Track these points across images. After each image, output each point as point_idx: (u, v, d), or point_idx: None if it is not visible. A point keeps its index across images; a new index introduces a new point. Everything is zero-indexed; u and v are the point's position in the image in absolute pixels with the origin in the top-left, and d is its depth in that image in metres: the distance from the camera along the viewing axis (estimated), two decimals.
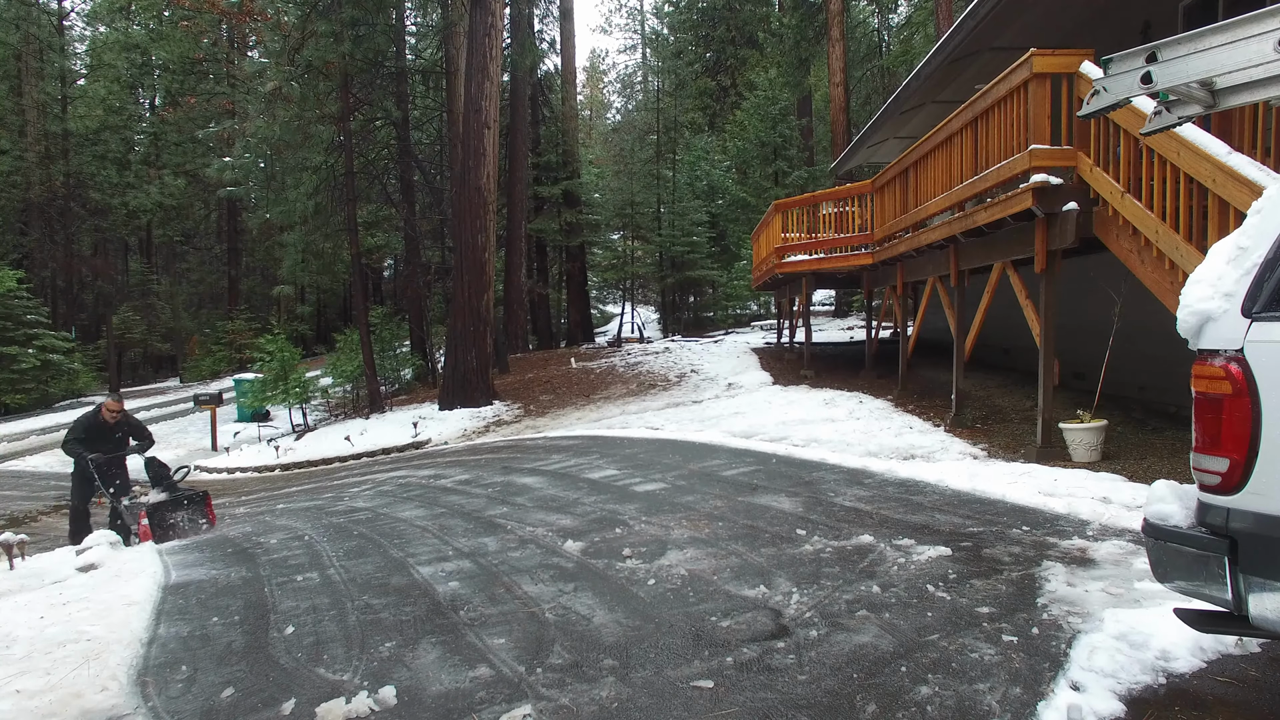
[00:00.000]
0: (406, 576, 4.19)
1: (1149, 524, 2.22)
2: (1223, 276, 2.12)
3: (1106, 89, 2.84)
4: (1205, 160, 4.34)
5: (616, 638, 3.08)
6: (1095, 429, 5.98)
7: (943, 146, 8.09)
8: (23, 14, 30.57)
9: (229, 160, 20.45)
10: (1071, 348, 8.17)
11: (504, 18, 17.38)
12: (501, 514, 5.54)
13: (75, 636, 3.45)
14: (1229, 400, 2.01)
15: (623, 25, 51.05)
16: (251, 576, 4.58)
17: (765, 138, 28.28)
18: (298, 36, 16.19)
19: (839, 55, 21.57)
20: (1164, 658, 2.58)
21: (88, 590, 4.33)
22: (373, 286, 33.07)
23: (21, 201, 30.24)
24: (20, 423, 21.72)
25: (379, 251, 26.57)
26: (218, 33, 30.41)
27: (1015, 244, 6.79)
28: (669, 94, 30.55)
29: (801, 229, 13.23)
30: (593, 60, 55.15)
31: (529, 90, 25.31)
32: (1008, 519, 4.36)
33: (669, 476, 6.26)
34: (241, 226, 33.25)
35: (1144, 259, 5.26)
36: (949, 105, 10.06)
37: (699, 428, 9.18)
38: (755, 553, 4.02)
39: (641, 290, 36.02)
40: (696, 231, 26.38)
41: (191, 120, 29.76)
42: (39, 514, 9.54)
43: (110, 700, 2.87)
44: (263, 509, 7.84)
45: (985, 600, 3.18)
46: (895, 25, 32.69)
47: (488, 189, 14.76)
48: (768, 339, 19.00)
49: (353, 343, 18.57)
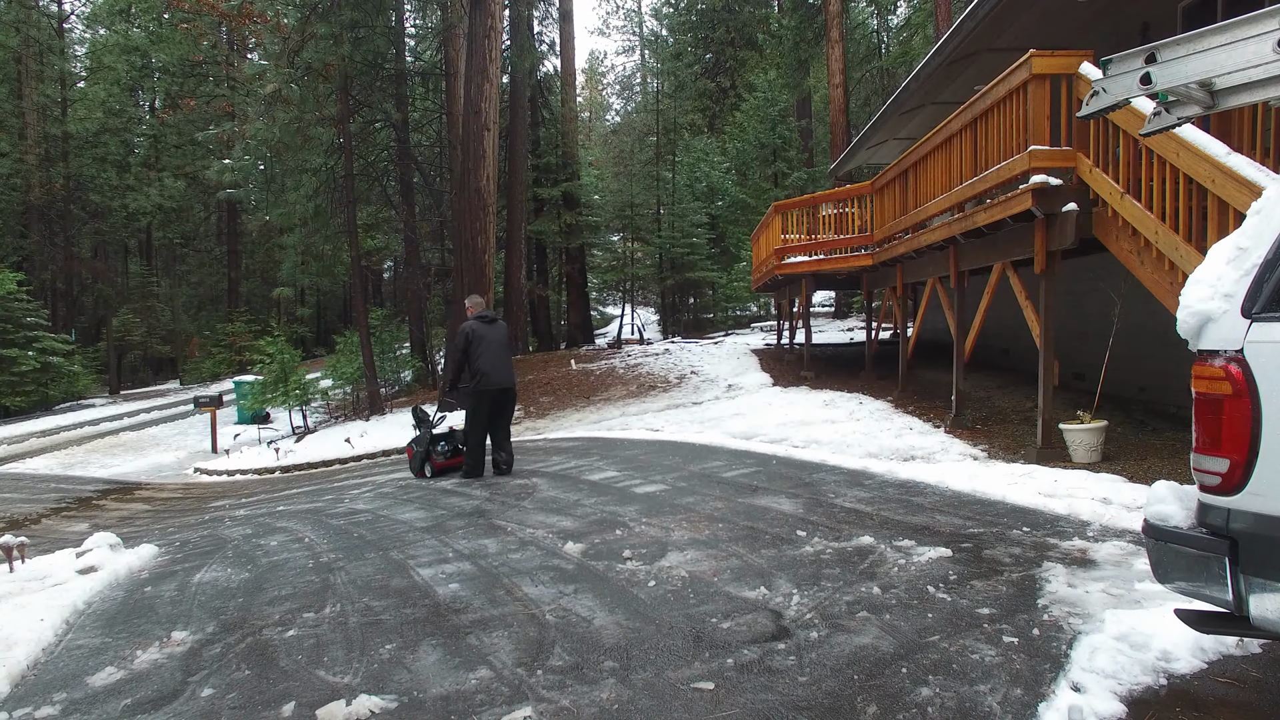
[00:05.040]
0: (407, 578, 4.18)
1: (1149, 525, 2.22)
2: (1222, 277, 2.12)
3: (1106, 90, 2.85)
4: (1204, 161, 4.35)
5: (617, 639, 3.08)
6: (1095, 430, 5.98)
7: (942, 148, 8.09)
8: (23, 16, 30.60)
9: (229, 162, 20.44)
10: (1071, 348, 8.17)
11: (503, 20, 17.41)
12: (502, 515, 5.54)
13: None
14: (1229, 401, 2.01)
15: (620, 27, 51.09)
16: (251, 578, 4.58)
17: (765, 139, 28.29)
18: (297, 39, 16.21)
19: (838, 57, 21.58)
20: (1165, 659, 2.58)
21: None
22: (372, 288, 33.12)
23: (21, 204, 30.26)
24: (20, 425, 21.71)
25: (379, 253, 26.60)
26: (217, 35, 30.42)
27: (1015, 245, 6.80)
28: (668, 95, 30.56)
29: (801, 230, 13.23)
30: (592, 62, 55.22)
31: (528, 92, 25.32)
32: (1008, 520, 4.36)
33: (669, 478, 6.26)
34: (241, 229, 33.28)
35: (1143, 259, 5.26)
36: (948, 106, 10.07)
37: (699, 429, 9.18)
38: (756, 554, 4.02)
39: (641, 292, 36.01)
40: (696, 233, 26.38)
41: (191, 122, 29.76)
42: (40, 516, 9.53)
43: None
44: (263, 511, 7.83)
45: (986, 601, 3.18)
46: (894, 27, 32.72)
47: (487, 191, 14.78)
48: (767, 340, 19.00)
49: (353, 345, 18.58)
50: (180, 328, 34.67)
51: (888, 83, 29.05)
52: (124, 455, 17.31)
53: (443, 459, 7.71)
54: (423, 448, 7.63)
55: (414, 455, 7.79)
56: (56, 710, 2.93)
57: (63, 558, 5.25)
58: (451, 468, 7.69)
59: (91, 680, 3.18)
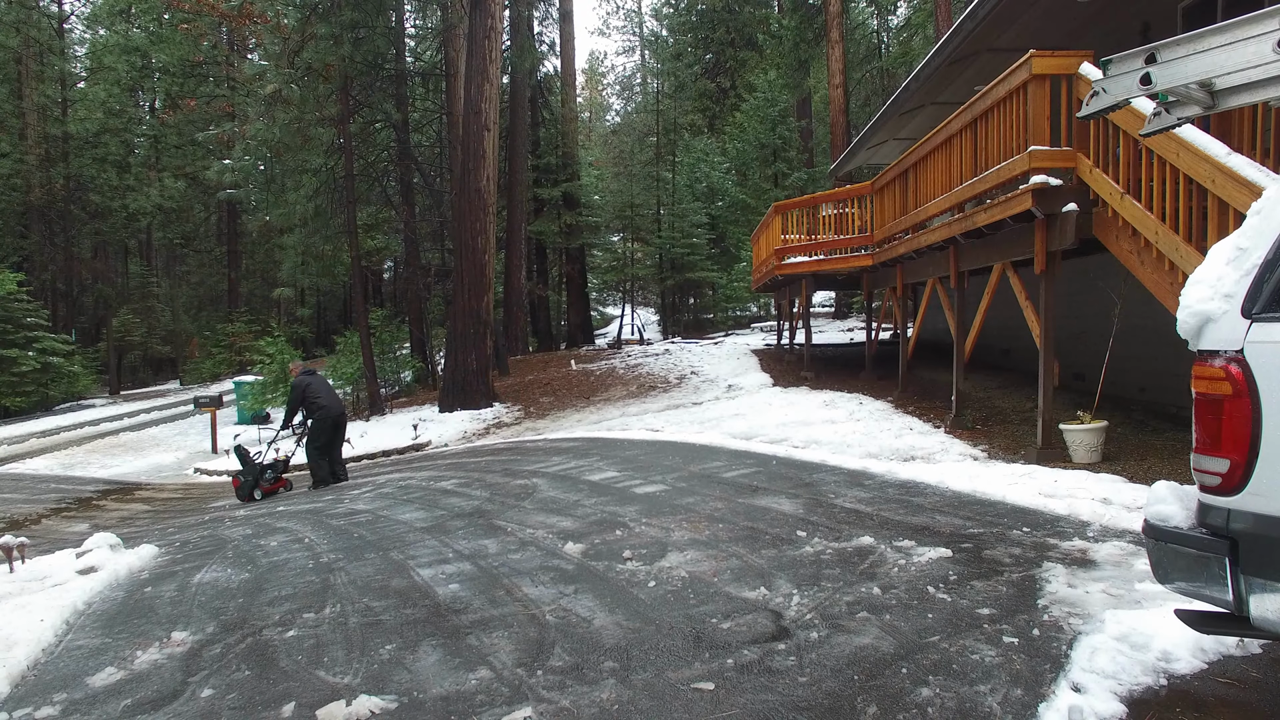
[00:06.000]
0: (407, 579, 4.18)
1: (1149, 525, 2.22)
2: (1222, 277, 2.12)
3: (1106, 90, 2.85)
4: (1205, 161, 4.35)
5: (617, 640, 3.08)
6: (1095, 430, 5.98)
7: (942, 148, 8.09)
8: (23, 17, 30.60)
9: (229, 163, 20.45)
10: (1072, 349, 8.17)
11: (503, 20, 17.40)
12: (502, 516, 5.54)
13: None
14: (1229, 401, 2.01)
15: (620, 27, 51.11)
16: (251, 579, 4.58)
17: (765, 139, 28.30)
18: (297, 39, 16.22)
19: (838, 57, 21.59)
20: (1165, 659, 2.58)
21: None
22: (372, 289, 33.10)
23: (22, 204, 30.26)
24: (20, 425, 21.70)
25: (379, 254, 26.60)
26: (217, 35, 30.43)
27: (1015, 245, 6.80)
28: (668, 96, 30.57)
29: (801, 230, 13.24)
30: (592, 62, 55.21)
31: (528, 92, 25.33)
32: (1008, 520, 4.36)
33: (669, 478, 6.25)
34: (241, 229, 33.27)
35: (1144, 260, 5.26)
36: (948, 106, 10.08)
37: (699, 429, 9.18)
38: (756, 554, 4.02)
39: (641, 292, 36.02)
40: (696, 233, 26.39)
41: (191, 123, 29.77)
42: (40, 516, 9.52)
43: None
44: (263, 511, 7.83)
45: (986, 602, 3.18)
46: (894, 27, 32.74)
47: (487, 191, 14.77)
48: (768, 340, 19.00)
49: (353, 345, 18.58)
50: (180, 328, 34.67)
51: (888, 83, 29.06)
52: (124, 456, 17.31)
53: (269, 484, 9.23)
54: (251, 477, 9.09)
55: (241, 484, 9.15)
56: (56, 710, 2.93)
57: (63, 558, 5.25)
58: (274, 491, 9.26)
59: (91, 680, 3.18)
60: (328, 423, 8.94)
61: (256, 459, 9.23)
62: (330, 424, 8.97)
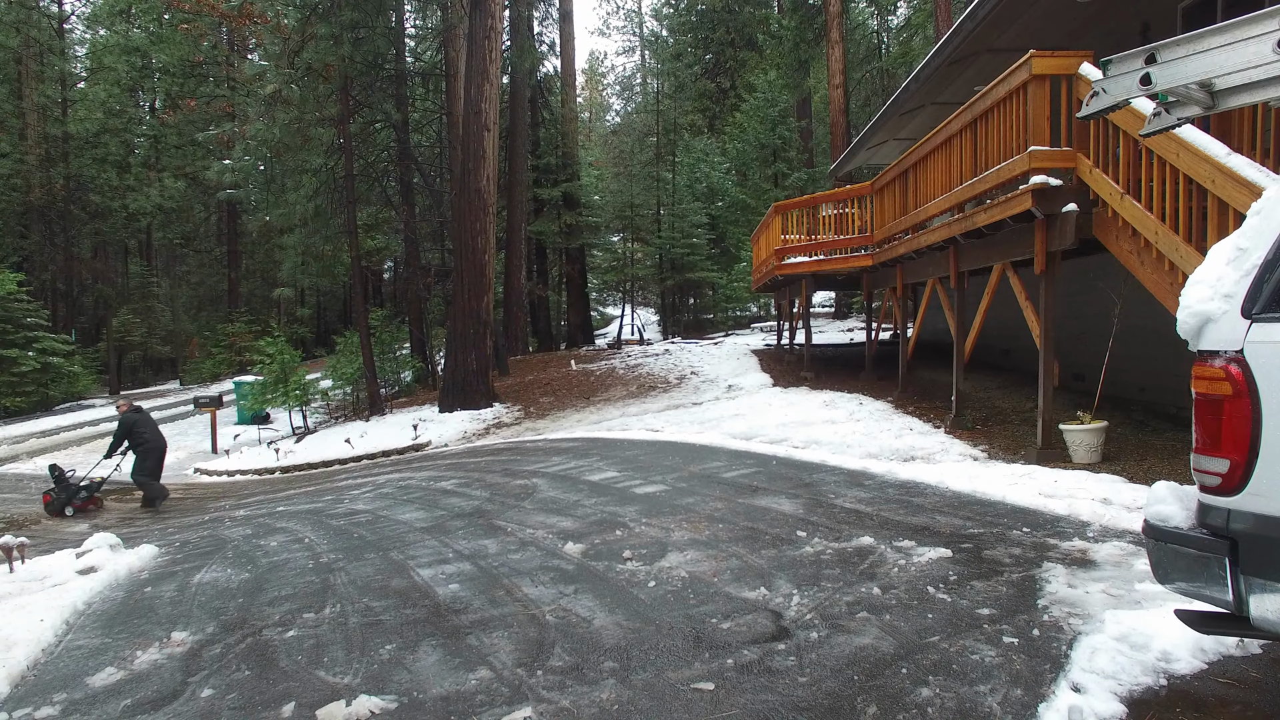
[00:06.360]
0: (407, 579, 4.18)
1: (1149, 525, 2.22)
2: (1222, 278, 2.12)
3: (1106, 90, 2.85)
4: (1205, 161, 4.34)
5: (617, 640, 3.08)
6: (1095, 430, 5.98)
7: (942, 148, 8.09)
8: (23, 17, 30.60)
9: (229, 163, 20.44)
10: (1071, 349, 8.17)
11: (503, 20, 17.41)
12: (502, 516, 5.54)
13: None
14: (1229, 401, 2.01)
15: (620, 27, 51.07)
16: (251, 579, 4.58)
17: (765, 140, 28.30)
18: (297, 39, 16.21)
19: (838, 57, 21.59)
20: (1165, 659, 2.58)
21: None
22: (372, 289, 33.08)
23: (22, 204, 30.25)
24: (21, 425, 21.70)
25: (379, 254, 26.57)
26: (218, 36, 30.42)
27: (1015, 245, 6.80)
28: (668, 96, 30.57)
29: (801, 231, 13.23)
30: (591, 63, 55.17)
31: (528, 92, 25.32)
32: (1008, 520, 4.36)
33: (669, 478, 6.25)
34: (241, 229, 33.25)
35: (1144, 260, 5.26)
36: (948, 107, 10.08)
37: (699, 430, 9.18)
38: (756, 555, 4.02)
39: (641, 292, 36.01)
40: (696, 233, 26.39)
41: (191, 123, 29.75)
42: (40, 517, 9.53)
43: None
44: (263, 511, 7.83)
45: (986, 602, 3.18)
46: (894, 27, 32.72)
47: (487, 191, 14.77)
48: (768, 341, 18.99)
49: (353, 345, 18.57)
50: (180, 328, 34.65)
51: (888, 83, 29.05)
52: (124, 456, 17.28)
53: (82, 501, 9.86)
54: (64, 495, 9.73)
55: (53, 500, 9.72)
56: (56, 710, 2.93)
57: (63, 558, 5.25)
58: (84, 509, 9.85)
59: (91, 681, 3.18)
60: (154, 453, 10.33)
61: (70, 476, 10.01)
62: (156, 454, 10.39)
